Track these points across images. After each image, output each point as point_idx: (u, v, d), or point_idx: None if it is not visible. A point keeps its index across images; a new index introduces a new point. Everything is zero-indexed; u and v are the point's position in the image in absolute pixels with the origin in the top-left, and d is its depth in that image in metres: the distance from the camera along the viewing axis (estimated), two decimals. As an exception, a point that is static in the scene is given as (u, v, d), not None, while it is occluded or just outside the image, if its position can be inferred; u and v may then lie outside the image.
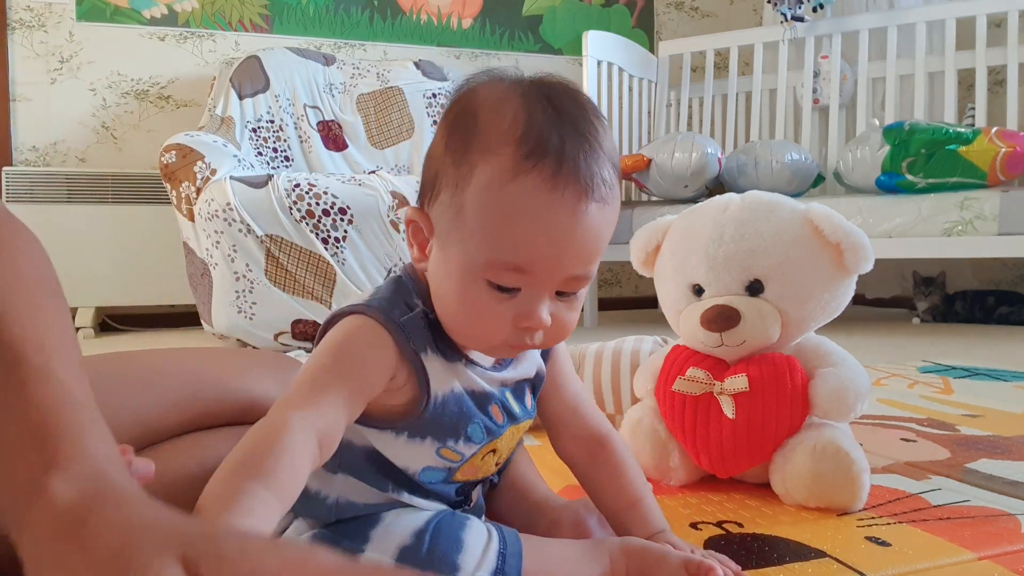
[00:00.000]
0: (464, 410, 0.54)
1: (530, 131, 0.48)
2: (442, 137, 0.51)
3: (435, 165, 0.51)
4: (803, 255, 0.84)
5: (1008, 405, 1.34)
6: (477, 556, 0.51)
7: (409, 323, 0.52)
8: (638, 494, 0.62)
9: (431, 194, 0.51)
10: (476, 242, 0.48)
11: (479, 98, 0.50)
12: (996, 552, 0.67)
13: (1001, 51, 2.78)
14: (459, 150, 0.49)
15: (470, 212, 0.48)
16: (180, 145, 2.28)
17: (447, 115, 0.52)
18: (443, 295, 0.52)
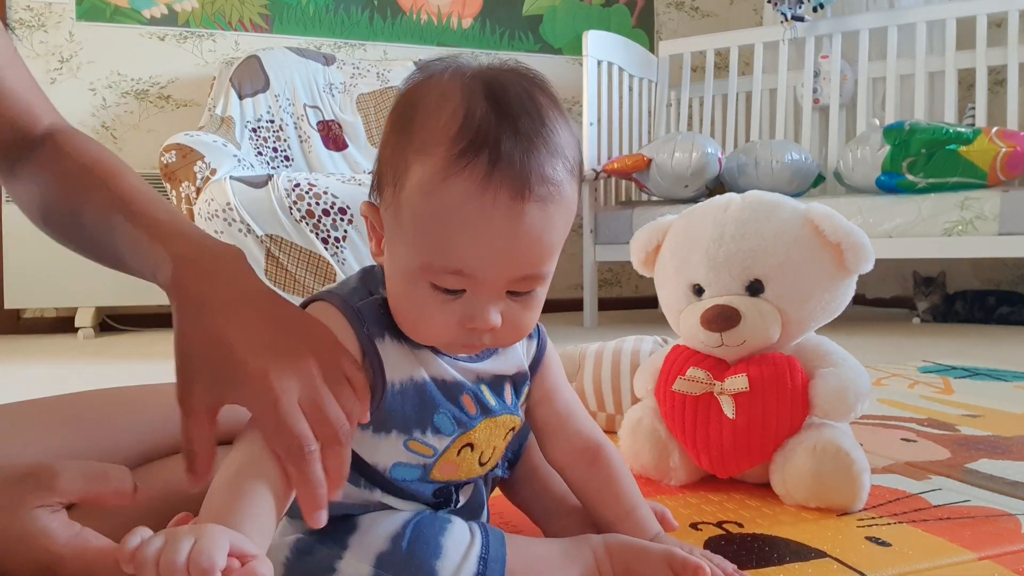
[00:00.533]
0: (428, 398, 0.53)
1: (465, 129, 0.45)
2: (387, 131, 0.50)
3: (380, 160, 0.51)
4: (803, 255, 0.84)
5: (1008, 405, 1.34)
6: (456, 561, 0.50)
7: (365, 308, 0.52)
8: (632, 503, 0.62)
9: (378, 191, 0.51)
10: (413, 244, 0.48)
11: (421, 92, 0.49)
12: (996, 552, 0.67)
13: (1001, 51, 2.78)
14: (397, 147, 0.48)
15: (406, 214, 0.47)
16: (180, 145, 2.28)
17: (393, 107, 0.50)
18: (391, 292, 0.52)
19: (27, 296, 2.76)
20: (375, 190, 0.52)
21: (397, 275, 0.50)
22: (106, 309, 2.91)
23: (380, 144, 0.52)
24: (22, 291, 2.74)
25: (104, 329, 2.94)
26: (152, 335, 2.77)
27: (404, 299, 0.50)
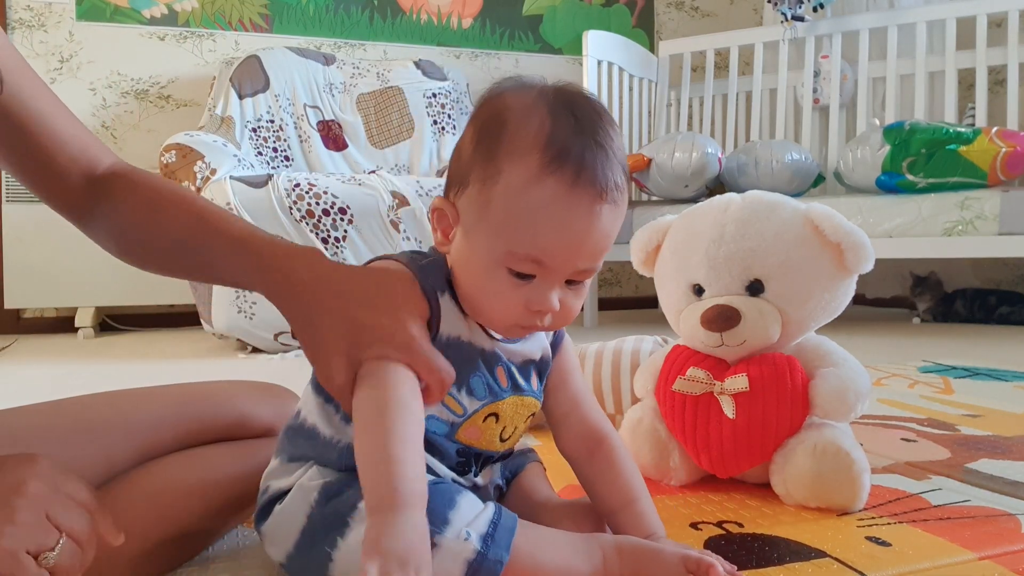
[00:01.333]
0: (468, 357, 0.58)
1: (554, 139, 0.53)
2: (472, 137, 0.56)
3: (464, 161, 0.56)
4: (804, 255, 0.84)
5: (1008, 405, 1.34)
6: (468, 517, 0.52)
7: (429, 266, 0.58)
8: (634, 494, 0.63)
9: (459, 187, 0.57)
10: (500, 234, 0.54)
11: (508, 104, 0.55)
12: (996, 552, 0.67)
13: (1001, 51, 2.78)
14: (489, 151, 0.54)
15: (497, 208, 0.54)
16: (180, 145, 2.28)
17: (477, 117, 0.57)
18: (465, 277, 0.58)
19: (27, 296, 2.76)
20: (453, 187, 0.58)
21: (476, 260, 0.56)
22: (106, 309, 2.91)
23: (459, 147, 0.58)
24: (22, 291, 2.74)
25: (104, 329, 2.94)
26: (152, 335, 2.77)
27: (479, 281, 0.57)
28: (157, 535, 0.61)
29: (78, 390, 0.75)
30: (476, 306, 0.58)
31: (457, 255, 0.58)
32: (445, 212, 0.58)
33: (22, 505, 0.45)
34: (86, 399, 0.70)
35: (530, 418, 0.64)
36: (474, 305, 0.58)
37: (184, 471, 0.65)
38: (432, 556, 0.48)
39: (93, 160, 0.67)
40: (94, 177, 0.67)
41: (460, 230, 0.57)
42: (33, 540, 0.44)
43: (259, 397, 0.76)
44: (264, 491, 0.62)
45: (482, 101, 0.58)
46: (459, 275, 0.58)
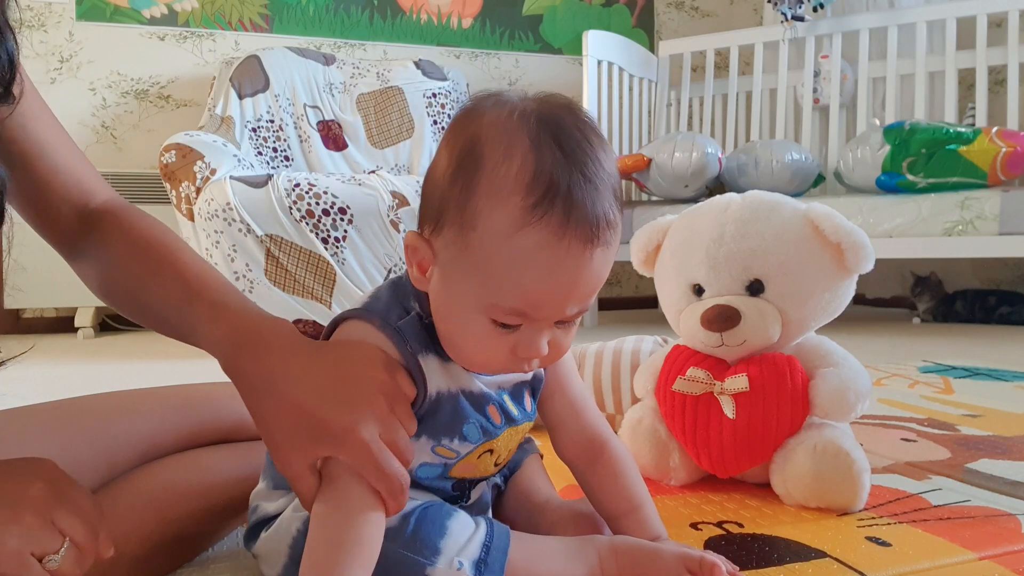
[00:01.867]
0: (459, 410, 0.55)
1: (538, 178, 0.47)
2: (448, 167, 0.50)
3: (439, 195, 0.50)
4: (804, 255, 0.84)
5: (1009, 405, 1.34)
6: (460, 543, 0.52)
7: (406, 326, 0.54)
8: (637, 500, 0.62)
9: (435, 224, 0.51)
10: (481, 283, 0.49)
11: (485, 133, 0.49)
12: (997, 552, 0.67)
13: (1002, 51, 2.78)
14: (465, 189, 0.49)
15: (476, 255, 0.49)
16: (180, 145, 2.28)
17: (452, 143, 0.51)
18: (444, 320, 0.53)
19: (27, 296, 2.76)
20: (428, 222, 0.52)
21: (455, 307, 0.51)
22: (106, 309, 2.90)
23: (433, 175, 0.51)
24: (22, 291, 2.74)
25: (104, 329, 2.94)
26: (152, 335, 2.77)
27: (459, 329, 0.52)
28: (157, 536, 0.61)
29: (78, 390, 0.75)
30: (457, 351, 0.54)
31: (435, 296, 0.53)
32: (417, 249, 0.52)
33: (28, 507, 0.45)
34: (86, 400, 0.70)
35: (522, 436, 0.63)
36: (455, 349, 0.54)
37: (184, 473, 0.65)
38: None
39: (87, 193, 0.66)
40: (87, 211, 0.66)
41: (437, 270, 0.52)
42: (38, 542, 0.45)
43: None
44: (253, 510, 0.61)
45: (457, 124, 0.51)
46: (438, 317, 0.53)
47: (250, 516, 0.61)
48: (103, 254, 0.64)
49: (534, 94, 0.52)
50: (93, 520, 0.48)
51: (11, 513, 0.45)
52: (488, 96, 0.52)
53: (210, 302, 0.58)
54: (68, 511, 0.47)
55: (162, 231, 0.65)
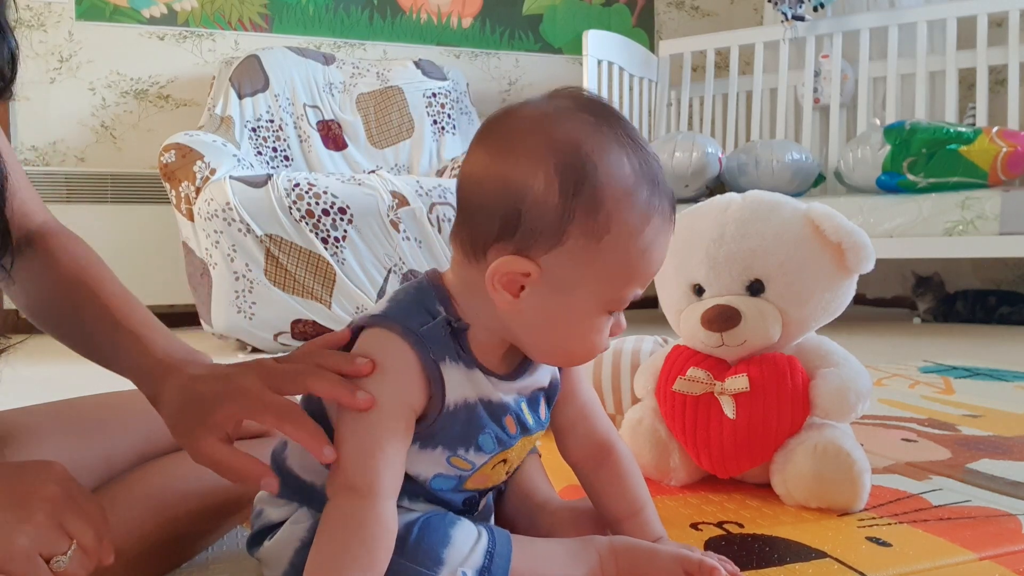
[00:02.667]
0: (476, 420, 0.55)
1: (642, 174, 0.51)
2: (555, 185, 0.49)
3: (553, 214, 0.49)
4: (804, 255, 0.83)
5: (1009, 405, 1.34)
6: (464, 552, 0.51)
7: (429, 333, 0.52)
8: (639, 503, 0.62)
9: (548, 242, 0.50)
10: (613, 281, 0.51)
11: (582, 144, 0.50)
12: (997, 552, 0.67)
13: (1002, 50, 2.77)
14: (592, 200, 0.49)
15: (608, 256, 0.50)
16: (179, 145, 2.28)
17: (541, 160, 0.49)
18: (547, 333, 0.53)
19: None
20: (534, 243, 0.50)
21: (570, 314, 0.52)
22: (106, 309, 2.90)
23: (531, 198, 0.49)
24: (22, 291, 2.74)
25: (104, 329, 2.94)
26: (152, 335, 2.76)
27: (572, 333, 0.53)
28: (156, 536, 0.61)
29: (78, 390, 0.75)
30: (562, 353, 0.55)
31: (532, 314, 0.52)
32: (520, 273, 0.50)
33: (39, 507, 0.46)
34: (85, 400, 0.70)
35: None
36: (558, 353, 0.55)
37: (182, 472, 0.65)
38: None
39: (27, 215, 0.67)
40: (22, 232, 0.65)
41: (543, 287, 0.51)
42: (47, 543, 0.45)
43: None
44: (257, 515, 0.60)
45: (525, 138, 0.50)
46: (537, 330, 0.53)
47: (253, 520, 0.61)
48: (34, 280, 0.65)
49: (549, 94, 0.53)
50: (100, 525, 0.49)
51: (24, 513, 0.45)
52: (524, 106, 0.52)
53: (133, 333, 0.59)
54: (77, 515, 0.47)
55: (91, 257, 0.66)
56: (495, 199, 0.50)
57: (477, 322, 0.54)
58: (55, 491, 0.47)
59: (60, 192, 2.74)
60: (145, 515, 0.61)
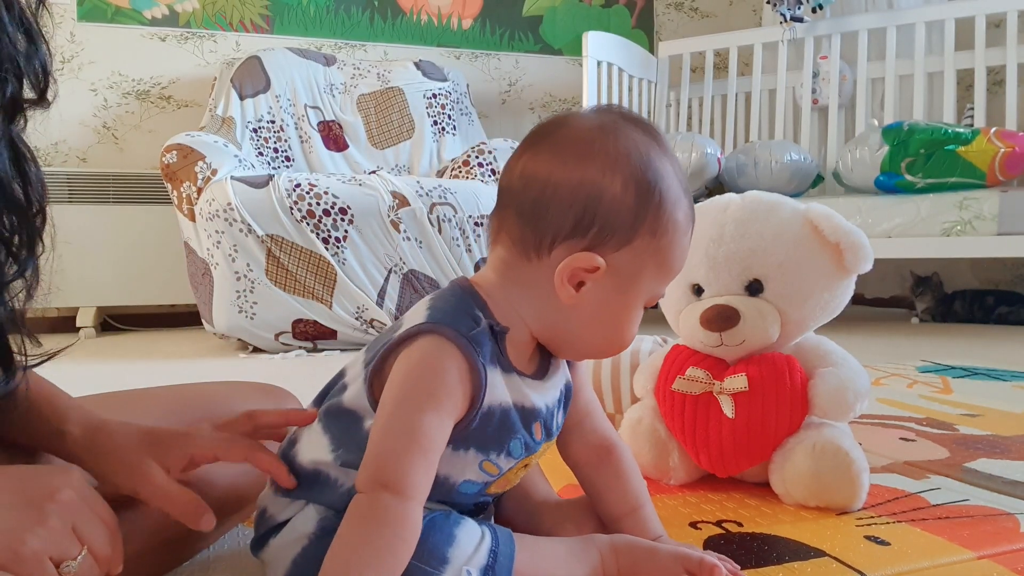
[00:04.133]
0: (509, 425, 0.56)
1: (682, 183, 0.58)
2: (630, 192, 0.55)
3: (624, 215, 0.54)
4: (803, 255, 0.84)
5: (1007, 405, 1.34)
6: (468, 552, 0.52)
7: (478, 336, 0.54)
8: (638, 501, 0.63)
9: (619, 241, 0.55)
10: (663, 275, 0.58)
11: (647, 158, 0.56)
12: (995, 551, 0.68)
13: (1000, 51, 2.78)
14: (659, 205, 0.56)
15: (665, 252, 0.56)
16: (181, 145, 2.28)
17: (614, 169, 0.54)
18: (599, 325, 0.57)
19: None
20: (607, 240, 0.54)
21: (628, 305, 0.57)
22: (107, 309, 2.91)
23: (607, 200, 0.54)
24: (23, 291, 2.74)
25: (105, 329, 2.94)
26: (153, 335, 2.77)
27: (622, 323, 0.57)
28: (156, 536, 0.61)
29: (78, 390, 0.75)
30: (607, 344, 0.59)
31: (591, 306, 0.55)
32: (589, 268, 0.54)
33: (53, 511, 0.46)
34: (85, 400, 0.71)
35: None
36: (596, 347, 0.59)
37: None
38: None
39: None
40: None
41: (607, 283, 0.55)
42: (58, 547, 0.45)
43: (256, 398, 0.76)
44: (261, 514, 0.60)
45: (594, 148, 0.55)
46: (583, 325, 0.56)
47: (257, 521, 0.61)
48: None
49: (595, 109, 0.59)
50: (112, 533, 0.49)
51: (38, 515, 0.45)
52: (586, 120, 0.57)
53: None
54: (91, 521, 0.48)
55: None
56: (570, 200, 0.54)
57: (514, 324, 0.56)
58: (71, 496, 0.47)
59: (62, 193, 2.75)
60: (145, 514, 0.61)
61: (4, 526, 0.44)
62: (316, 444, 0.57)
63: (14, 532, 0.44)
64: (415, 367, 0.52)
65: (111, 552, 0.48)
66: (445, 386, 0.52)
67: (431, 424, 0.51)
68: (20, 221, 0.51)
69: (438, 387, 0.52)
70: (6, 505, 0.45)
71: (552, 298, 0.55)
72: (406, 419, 0.51)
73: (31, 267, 0.53)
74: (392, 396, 0.52)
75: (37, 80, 0.51)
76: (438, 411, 0.51)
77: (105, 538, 0.48)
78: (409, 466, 0.50)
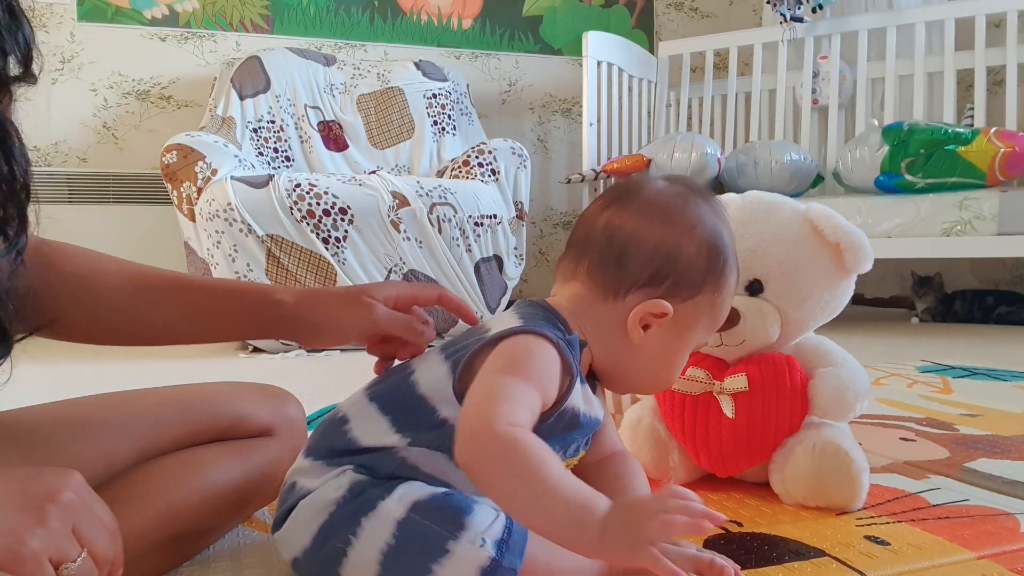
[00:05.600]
0: (575, 426, 0.61)
1: (733, 246, 0.67)
2: (703, 254, 0.64)
3: (695, 274, 0.63)
4: (803, 255, 0.84)
5: (1007, 405, 1.34)
6: (485, 523, 0.52)
7: (572, 341, 0.60)
8: None
9: (687, 294, 0.63)
10: (711, 324, 0.66)
11: (717, 226, 0.65)
12: (995, 551, 0.68)
13: (1000, 51, 2.78)
14: (724, 269, 0.65)
15: (717, 306, 0.65)
16: (181, 145, 2.28)
17: (693, 235, 0.63)
18: (655, 363, 0.65)
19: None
20: (681, 293, 0.63)
21: (681, 349, 0.65)
22: (107, 309, 2.91)
23: (684, 259, 0.63)
24: (23, 291, 2.74)
25: (105, 329, 2.94)
26: (153, 335, 2.77)
27: (674, 364, 0.66)
28: (156, 535, 0.61)
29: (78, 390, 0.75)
30: (659, 382, 0.68)
31: (651, 346, 0.63)
32: (661, 314, 0.62)
33: (54, 512, 0.46)
34: (85, 400, 0.71)
35: None
36: (647, 383, 0.69)
37: (182, 471, 0.65)
38: (445, 563, 0.50)
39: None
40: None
41: (670, 327, 0.63)
42: (58, 549, 0.45)
43: (256, 398, 0.77)
44: (290, 488, 0.60)
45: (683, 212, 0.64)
46: (641, 362, 0.64)
47: (283, 495, 0.61)
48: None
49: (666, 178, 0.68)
50: (113, 537, 0.49)
51: (38, 516, 0.45)
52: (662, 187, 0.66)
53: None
54: (92, 524, 0.47)
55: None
56: (652, 255, 0.62)
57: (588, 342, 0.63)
58: (72, 498, 0.47)
59: (62, 193, 2.75)
60: (145, 514, 0.61)
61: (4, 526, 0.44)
62: (374, 426, 0.59)
63: (14, 532, 0.44)
64: (521, 350, 0.56)
65: (111, 555, 0.48)
66: (546, 372, 0.56)
67: (527, 393, 0.53)
68: (7, 197, 0.51)
69: (539, 370, 0.56)
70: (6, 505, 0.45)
71: (621, 336, 0.63)
72: (505, 384, 0.53)
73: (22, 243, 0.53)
74: (495, 368, 0.55)
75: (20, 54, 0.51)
76: (534, 389, 0.54)
77: (106, 541, 0.48)
78: (508, 407, 0.51)
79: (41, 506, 0.46)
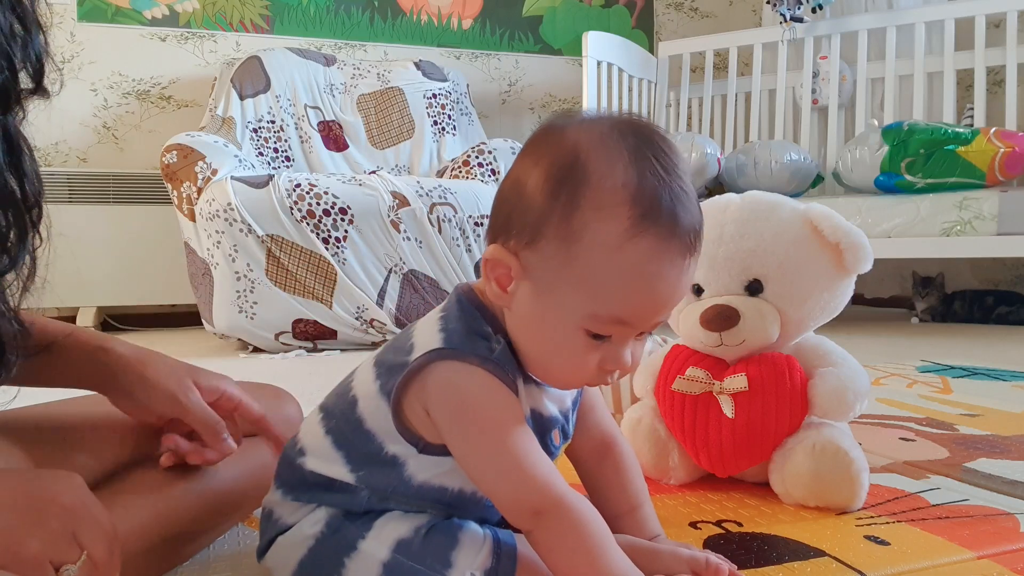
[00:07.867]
0: (546, 422, 0.57)
1: (643, 191, 0.48)
2: (544, 182, 0.49)
3: (535, 210, 0.50)
4: (803, 255, 0.84)
5: (1007, 405, 1.34)
6: (472, 555, 0.52)
7: (500, 357, 0.52)
8: (638, 500, 0.63)
9: (529, 238, 0.50)
10: (583, 294, 0.49)
11: (582, 147, 0.49)
12: (995, 551, 0.68)
13: (1000, 51, 2.78)
14: (570, 203, 0.49)
15: (581, 266, 0.49)
16: (181, 145, 2.28)
17: (544, 158, 0.50)
18: (531, 337, 0.53)
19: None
20: (518, 235, 0.50)
21: (549, 321, 0.51)
22: (107, 309, 2.91)
23: (524, 193, 0.50)
24: (23, 291, 2.74)
25: (105, 329, 2.94)
26: (153, 335, 2.77)
27: (550, 344, 0.52)
28: (155, 535, 0.61)
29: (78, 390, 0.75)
30: (544, 366, 0.54)
31: (523, 312, 0.52)
32: (503, 263, 0.51)
33: (55, 514, 0.46)
34: (84, 400, 0.70)
35: None
36: (540, 366, 0.54)
37: (180, 471, 0.65)
38: None
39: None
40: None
41: (526, 285, 0.51)
42: (58, 551, 0.45)
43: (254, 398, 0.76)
44: (267, 517, 0.60)
45: (545, 140, 0.51)
46: (524, 333, 0.53)
47: (263, 524, 0.60)
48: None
49: (608, 114, 0.53)
50: (112, 540, 0.49)
51: (38, 518, 0.46)
52: (570, 115, 0.52)
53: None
54: (91, 526, 0.48)
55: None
56: (503, 196, 0.53)
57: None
58: (72, 501, 0.47)
59: (62, 193, 2.75)
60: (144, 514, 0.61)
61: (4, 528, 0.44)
62: (328, 459, 0.56)
63: (14, 534, 0.44)
64: (464, 401, 0.51)
65: (110, 558, 0.48)
66: (502, 403, 0.52)
67: (520, 439, 0.51)
68: (14, 214, 0.50)
69: (497, 407, 0.51)
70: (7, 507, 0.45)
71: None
72: (502, 452, 0.51)
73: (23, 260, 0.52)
74: (469, 442, 0.51)
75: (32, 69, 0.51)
76: (515, 424, 0.52)
77: (105, 544, 0.48)
78: (539, 480, 0.50)
79: (41, 508, 0.46)
